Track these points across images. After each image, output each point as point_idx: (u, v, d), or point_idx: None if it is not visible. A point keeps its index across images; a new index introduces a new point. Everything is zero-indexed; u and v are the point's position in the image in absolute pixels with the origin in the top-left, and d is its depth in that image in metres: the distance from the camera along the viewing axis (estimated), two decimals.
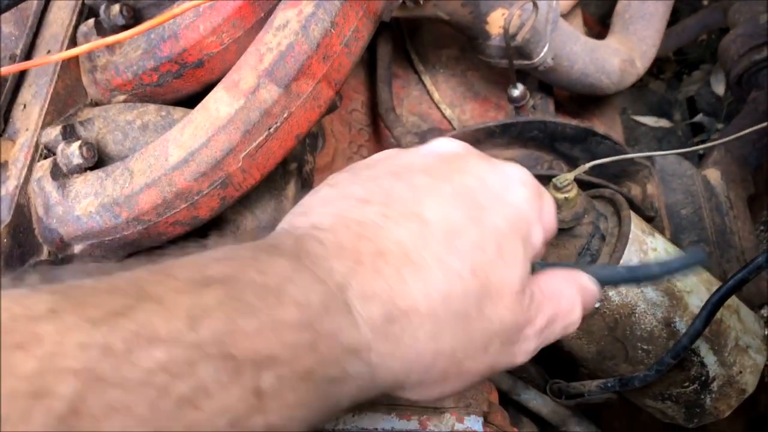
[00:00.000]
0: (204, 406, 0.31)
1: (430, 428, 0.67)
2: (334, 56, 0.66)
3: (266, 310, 0.36)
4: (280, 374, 0.34)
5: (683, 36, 1.38)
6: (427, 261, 0.42)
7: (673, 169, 1.05)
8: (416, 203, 0.44)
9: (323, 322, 0.37)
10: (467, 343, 0.43)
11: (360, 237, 0.42)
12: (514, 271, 0.44)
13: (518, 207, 0.46)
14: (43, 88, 0.73)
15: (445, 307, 0.42)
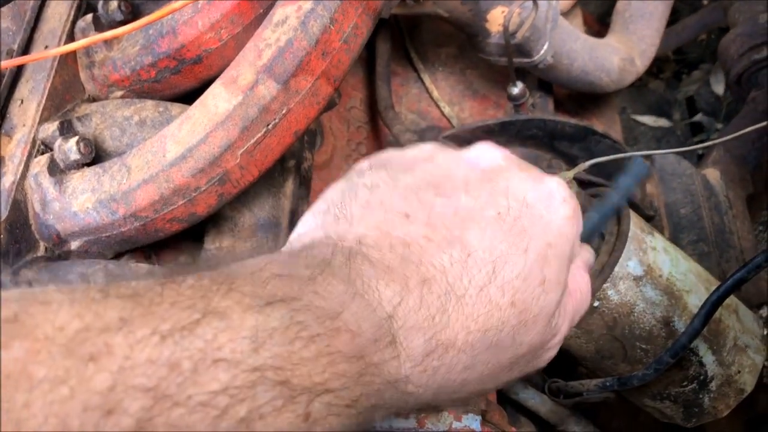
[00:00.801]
0: (257, 428, 0.32)
1: (428, 426, 0.67)
2: (333, 53, 0.66)
3: (324, 337, 0.36)
4: (329, 402, 0.36)
5: (683, 35, 1.37)
6: (468, 291, 0.42)
7: (673, 168, 1.05)
8: (459, 227, 0.43)
9: (372, 353, 0.38)
10: (495, 370, 0.44)
11: (405, 260, 0.42)
12: (554, 299, 0.44)
13: (561, 229, 0.46)
14: (41, 84, 0.72)
15: (482, 339, 0.42)
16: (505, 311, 0.42)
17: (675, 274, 0.76)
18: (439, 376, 0.42)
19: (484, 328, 0.42)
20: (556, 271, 0.44)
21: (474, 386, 0.44)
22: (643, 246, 0.75)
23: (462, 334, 0.41)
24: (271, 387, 0.33)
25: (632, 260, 0.74)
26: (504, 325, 0.42)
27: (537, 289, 0.43)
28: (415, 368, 0.40)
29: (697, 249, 0.99)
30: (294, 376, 0.34)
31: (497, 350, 0.43)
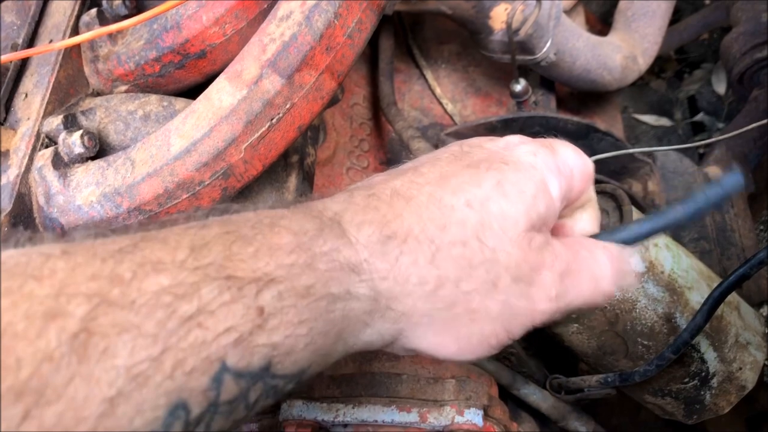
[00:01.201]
0: (209, 325, 0.33)
1: (430, 420, 0.67)
2: (337, 48, 0.66)
3: (261, 238, 0.38)
4: (280, 291, 0.36)
5: (685, 34, 1.37)
6: (418, 198, 0.44)
7: (674, 166, 1.05)
8: (413, 166, 0.47)
9: (318, 243, 0.39)
10: (471, 273, 0.43)
11: (354, 189, 0.45)
12: (516, 205, 0.44)
13: (521, 157, 0.47)
14: (45, 78, 0.72)
15: (442, 235, 0.43)
16: (461, 210, 0.43)
17: (677, 271, 0.76)
18: (404, 266, 0.42)
19: (441, 223, 0.43)
20: (515, 182, 0.45)
21: (453, 291, 0.43)
22: (645, 243, 0.75)
23: (417, 227, 0.42)
24: (214, 282, 0.34)
25: (634, 257, 0.74)
26: (463, 223, 0.43)
27: (493, 192, 0.44)
28: (373, 254, 0.41)
29: (699, 247, 0.99)
30: (237, 270, 0.35)
31: (464, 249, 0.43)
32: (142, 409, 0.31)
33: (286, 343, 0.36)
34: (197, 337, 0.32)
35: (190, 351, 0.32)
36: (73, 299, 0.30)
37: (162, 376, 0.31)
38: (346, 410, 0.69)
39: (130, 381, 0.30)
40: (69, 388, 0.29)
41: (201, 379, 0.33)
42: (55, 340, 0.29)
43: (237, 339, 0.34)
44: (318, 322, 0.38)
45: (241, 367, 0.34)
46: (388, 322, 0.43)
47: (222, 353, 0.33)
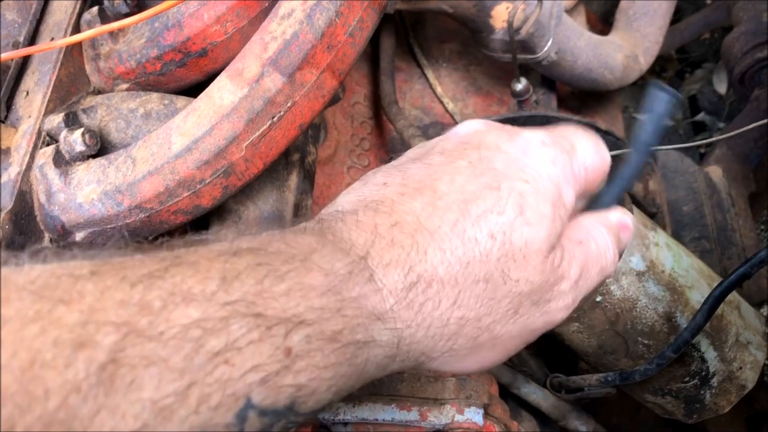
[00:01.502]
0: (236, 362, 0.32)
1: (430, 419, 0.67)
2: (338, 46, 0.66)
3: (294, 275, 0.37)
4: (309, 335, 0.36)
5: (686, 34, 1.37)
6: (441, 228, 0.42)
7: (675, 165, 1.05)
8: (431, 179, 0.45)
9: (348, 287, 0.39)
10: (493, 308, 0.43)
11: (376, 212, 0.43)
12: (538, 232, 0.44)
13: (540, 169, 0.45)
14: (46, 76, 0.72)
15: (465, 273, 0.42)
16: (484, 243, 0.42)
17: (677, 270, 0.76)
18: (427, 313, 0.42)
19: (465, 260, 0.42)
20: (538, 208, 0.44)
21: (475, 329, 0.43)
22: (645, 241, 0.75)
23: (441, 267, 0.42)
24: (244, 320, 0.33)
25: (635, 255, 0.74)
26: (487, 258, 0.42)
27: (516, 221, 0.43)
28: (399, 302, 0.41)
29: (699, 246, 0.99)
30: (267, 309, 0.35)
31: (487, 285, 0.43)
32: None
33: (311, 385, 0.36)
34: (224, 373, 0.32)
35: (216, 387, 0.32)
36: (102, 328, 0.30)
37: (187, 410, 0.31)
38: (347, 408, 0.69)
39: (156, 415, 0.30)
40: (95, 420, 0.29)
41: (226, 415, 0.33)
42: (84, 371, 0.29)
43: (263, 378, 0.34)
44: (342, 367, 0.38)
45: (266, 406, 0.34)
46: (408, 362, 0.43)
47: (248, 390, 0.33)
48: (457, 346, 0.43)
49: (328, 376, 0.37)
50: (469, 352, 0.44)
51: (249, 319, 0.34)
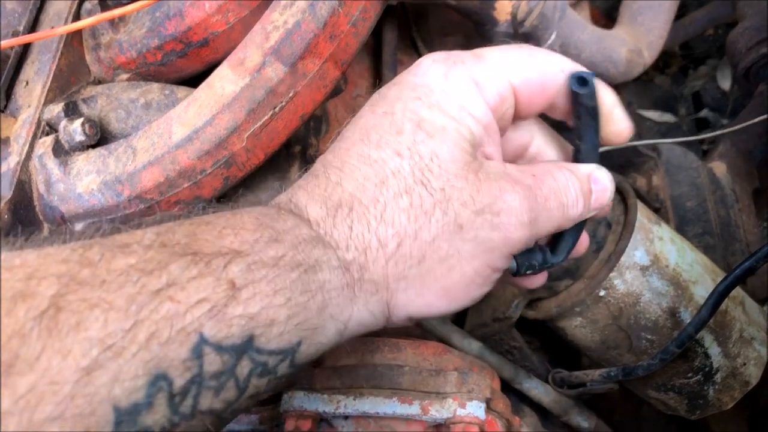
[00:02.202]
0: (180, 298, 0.33)
1: (431, 413, 0.67)
2: (341, 36, 0.65)
3: (223, 221, 0.39)
4: (249, 264, 0.37)
5: (690, 29, 1.36)
6: (349, 162, 0.45)
7: (679, 161, 1.04)
8: (339, 134, 0.50)
9: (278, 223, 0.40)
10: (427, 220, 0.43)
11: (305, 177, 0.47)
12: (444, 142, 0.44)
13: (430, 83, 0.46)
14: (46, 65, 0.72)
15: (383, 190, 0.43)
16: (392, 161, 0.44)
17: (681, 265, 0.76)
18: (359, 233, 0.43)
19: (378, 179, 0.44)
20: (432, 119, 0.44)
21: (414, 246, 0.43)
22: (650, 236, 0.75)
23: (358, 191, 0.44)
24: (181, 259, 0.35)
25: (639, 250, 0.73)
26: (400, 173, 0.44)
27: (416, 136, 0.44)
28: (327, 228, 0.42)
29: (703, 242, 0.98)
30: (203, 248, 0.36)
31: (411, 198, 0.43)
32: (120, 378, 0.31)
33: (265, 314, 0.36)
34: (169, 310, 0.33)
35: (164, 323, 0.33)
36: (42, 281, 0.31)
37: (137, 346, 0.32)
38: (348, 402, 0.69)
39: (104, 351, 0.31)
40: (41, 359, 0.30)
41: (179, 350, 0.33)
42: (24, 318, 0.30)
43: (210, 310, 0.34)
44: (294, 293, 0.38)
45: (221, 339, 0.35)
46: (369, 294, 0.43)
47: (197, 325, 0.34)
48: (406, 269, 0.43)
49: (280, 302, 0.37)
50: (424, 280, 0.43)
51: (187, 257, 0.35)
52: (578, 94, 0.48)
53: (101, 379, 0.31)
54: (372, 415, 0.69)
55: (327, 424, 0.71)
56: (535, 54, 0.48)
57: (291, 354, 0.39)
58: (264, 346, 0.37)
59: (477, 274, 0.45)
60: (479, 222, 0.44)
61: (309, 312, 0.39)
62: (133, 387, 0.32)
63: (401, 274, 0.43)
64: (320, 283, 0.40)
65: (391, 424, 0.69)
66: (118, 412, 0.31)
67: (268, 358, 0.37)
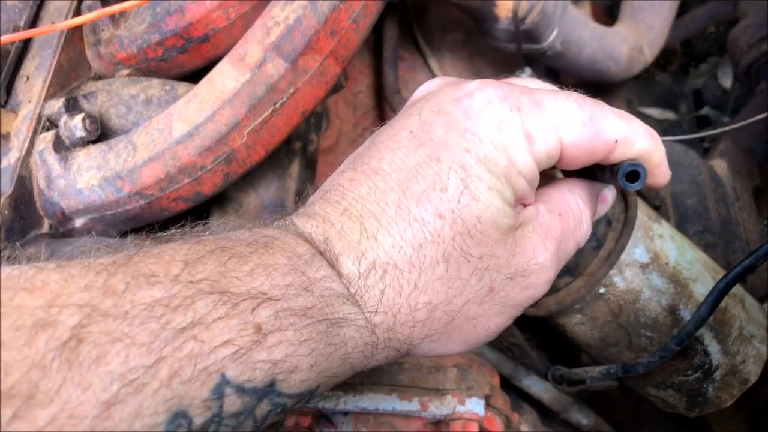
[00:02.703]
0: (204, 338, 0.33)
1: (431, 409, 0.67)
2: (342, 32, 0.65)
3: (256, 258, 0.38)
4: (277, 310, 0.36)
5: (692, 26, 1.36)
6: (386, 212, 0.42)
7: (680, 158, 1.04)
8: (376, 158, 0.44)
9: (311, 269, 0.39)
10: (463, 288, 0.42)
11: (328, 201, 0.43)
12: (489, 206, 0.42)
13: (483, 133, 0.42)
14: (47, 61, 0.72)
15: (420, 256, 0.41)
16: (433, 223, 0.41)
17: (681, 263, 0.75)
18: (391, 299, 0.41)
19: (416, 242, 0.41)
20: (480, 177, 0.41)
21: (447, 311, 0.42)
22: (650, 233, 0.75)
23: (394, 252, 0.41)
24: (209, 297, 0.34)
25: (639, 247, 0.73)
26: (440, 237, 0.41)
27: (462, 197, 0.41)
28: (359, 289, 0.41)
29: (703, 240, 0.98)
30: (232, 287, 0.35)
31: (448, 266, 0.41)
32: (141, 414, 0.31)
33: (289, 361, 0.36)
34: (193, 349, 0.33)
35: (187, 362, 0.32)
36: (64, 309, 0.30)
37: (158, 383, 0.32)
38: (347, 398, 0.69)
39: (125, 386, 0.31)
40: (61, 392, 0.29)
41: (201, 390, 0.33)
42: (44, 348, 0.29)
43: (235, 353, 0.34)
44: (320, 344, 0.38)
45: (243, 381, 0.34)
46: (392, 350, 0.43)
47: (220, 366, 0.34)
48: (433, 331, 0.43)
49: (305, 352, 0.37)
50: (450, 336, 0.43)
51: (214, 296, 0.34)
52: (624, 187, 0.46)
53: (121, 414, 0.30)
54: (371, 411, 0.69)
55: (327, 420, 0.71)
56: (596, 115, 0.45)
57: (309, 395, 0.39)
58: (285, 391, 0.37)
59: (498, 328, 0.45)
60: (511, 285, 0.44)
61: (331, 362, 0.39)
62: (153, 423, 0.31)
63: (427, 334, 0.43)
64: (345, 338, 0.40)
65: (390, 421, 0.69)
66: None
67: (288, 401, 0.37)
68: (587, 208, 0.48)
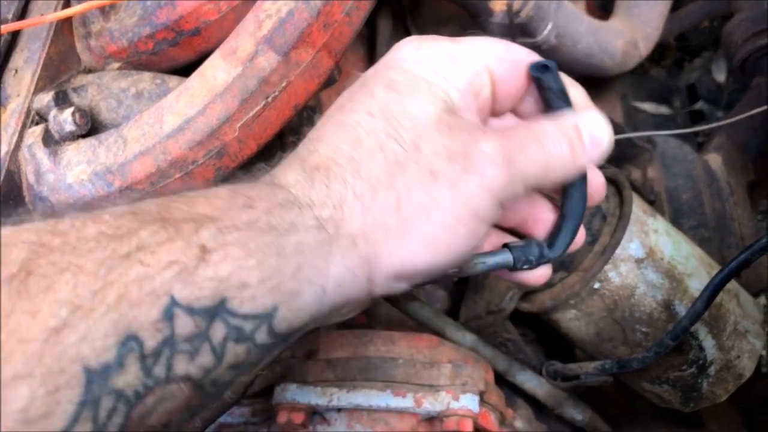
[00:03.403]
0: (150, 261, 0.34)
1: (425, 405, 0.66)
2: (335, 25, 0.64)
3: (196, 193, 0.40)
4: (219, 228, 0.37)
5: (686, 21, 1.36)
6: (325, 131, 0.46)
7: (674, 153, 1.04)
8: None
9: (254, 191, 0.41)
10: (401, 169, 0.43)
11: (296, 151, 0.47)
12: (415, 99, 0.44)
13: (402, 58, 0.47)
14: (36, 54, 0.71)
15: (359, 149, 0.44)
16: (366, 122, 0.45)
17: (676, 258, 0.75)
18: (337, 191, 0.43)
19: (353, 140, 0.44)
20: (404, 80, 0.45)
21: (390, 194, 0.43)
22: (645, 228, 0.74)
23: (333, 153, 0.44)
24: (152, 225, 0.35)
25: (634, 242, 0.73)
26: (374, 131, 0.44)
27: (389, 96, 0.45)
28: (304, 190, 0.43)
29: (698, 234, 0.98)
30: (174, 215, 0.36)
31: (385, 153, 0.43)
32: (89, 338, 0.32)
33: (236, 276, 0.36)
34: (139, 273, 0.34)
35: (133, 285, 0.33)
36: (13, 248, 0.32)
37: (106, 307, 0.32)
38: (341, 394, 0.68)
39: (72, 312, 0.32)
40: (10, 319, 0.30)
41: (149, 312, 0.33)
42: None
43: (180, 272, 0.35)
44: (268, 256, 0.38)
45: (192, 300, 0.35)
46: (346, 248, 0.42)
47: (168, 287, 0.34)
48: (383, 218, 0.43)
49: (252, 264, 0.37)
50: (405, 229, 0.43)
51: (157, 223, 0.35)
52: (541, 78, 0.48)
53: (70, 338, 0.31)
54: (365, 407, 0.68)
55: (320, 417, 0.71)
56: (510, 44, 0.49)
57: (267, 319, 0.38)
58: (237, 309, 0.36)
59: (458, 221, 0.43)
60: (452, 168, 0.43)
61: (283, 275, 0.39)
62: (103, 347, 0.32)
63: (379, 224, 0.43)
64: (295, 245, 0.40)
65: (384, 417, 0.69)
66: (88, 373, 0.31)
67: (243, 323, 0.37)
68: (553, 124, 0.47)
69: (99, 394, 0.32)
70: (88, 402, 0.31)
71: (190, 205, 0.38)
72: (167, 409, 0.35)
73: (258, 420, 0.74)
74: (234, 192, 0.40)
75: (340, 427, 0.69)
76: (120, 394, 0.33)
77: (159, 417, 0.35)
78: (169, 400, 0.35)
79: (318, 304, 0.41)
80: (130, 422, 0.33)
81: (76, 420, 0.31)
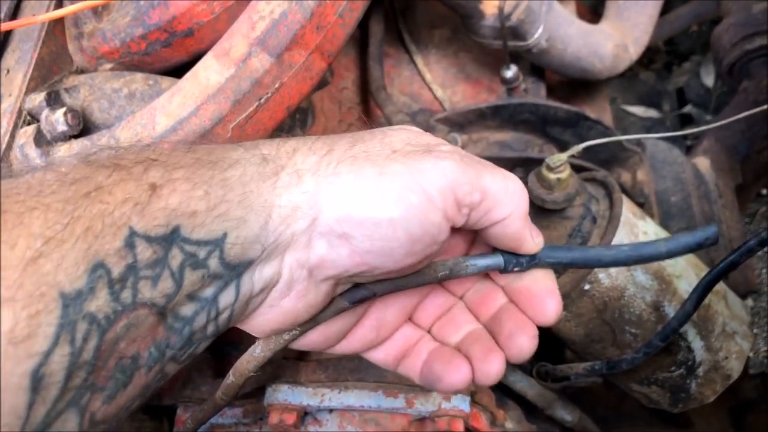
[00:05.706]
0: (108, 200, 0.38)
1: (416, 406, 0.67)
2: (327, 27, 0.65)
3: (148, 148, 0.44)
4: (166, 167, 0.41)
5: (675, 25, 1.37)
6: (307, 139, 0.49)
7: (664, 156, 1.05)
8: None
9: (203, 148, 0.44)
10: (360, 143, 0.46)
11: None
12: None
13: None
14: (28, 54, 0.71)
15: (331, 137, 0.47)
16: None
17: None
18: (292, 144, 0.46)
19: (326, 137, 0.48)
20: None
21: (348, 149, 0.46)
22: (634, 230, 0.75)
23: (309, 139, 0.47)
24: (106, 170, 0.39)
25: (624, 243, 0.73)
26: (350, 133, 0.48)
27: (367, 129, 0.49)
28: (270, 145, 0.45)
29: None
30: (123, 160, 0.41)
31: (355, 137, 0.47)
32: (63, 265, 0.35)
33: (185, 206, 0.40)
34: (100, 209, 0.37)
35: (97, 219, 0.37)
36: None
37: (75, 238, 0.36)
38: (332, 395, 0.68)
39: (46, 243, 0.35)
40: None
41: (113, 242, 0.37)
42: None
43: (135, 205, 0.38)
44: (213, 187, 0.41)
45: (148, 229, 0.38)
46: (293, 185, 0.44)
47: (126, 219, 0.38)
48: (337, 168, 0.44)
49: (199, 195, 0.41)
50: (355, 179, 0.44)
51: (110, 169, 0.39)
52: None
53: (46, 267, 0.35)
54: (357, 408, 0.69)
55: (312, 417, 0.71)
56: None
57: (218, 246, 0.41)
58: (189, 236, 0.40)
59: (408, 189, 0.43)
60: (412, 150, 0.46)
61: (229, 204, 0.42)
62: (75, 274, 0.36)
63: (331, 170, 0.44)
64: (239, 177, 0.43)
65: (375, 418, 0.69)
66: (63, 297, 0.35)
67: (197, 249, 0.40)
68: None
69: (75, 317, 0.35)
70: (65, 325, 0.35)
71: (137, 154, 0.42)
72: (135, 337, 0.39)
73: (250, 421, 0.74)
74: (178, 142, 0.45)
75: (331, 428, 0.70)
76: (93, 318, 0.36)
77: (128, 345, 0.39)
78: (136, 326, 0.38)
79: (264, 232, 0.43)
80: (103, 346, 0.37)
81: (56, 343, 0.34)
